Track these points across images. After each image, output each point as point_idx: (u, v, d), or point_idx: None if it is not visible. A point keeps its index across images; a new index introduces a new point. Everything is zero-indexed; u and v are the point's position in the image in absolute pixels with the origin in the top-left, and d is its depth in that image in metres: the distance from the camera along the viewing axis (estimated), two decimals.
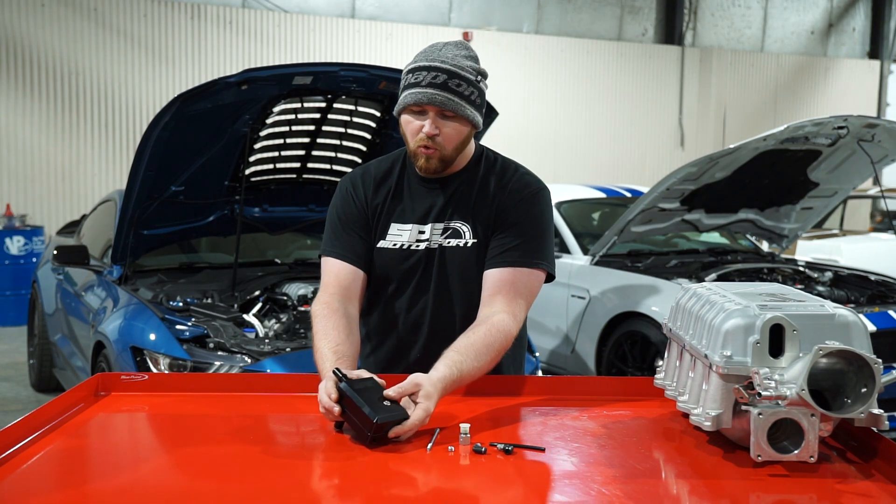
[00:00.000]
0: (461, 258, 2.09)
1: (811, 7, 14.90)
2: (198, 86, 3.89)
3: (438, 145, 2.02)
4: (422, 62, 2.02)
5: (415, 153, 2.06)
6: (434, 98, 1.98)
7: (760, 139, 5.14)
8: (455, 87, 1.99)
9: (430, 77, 1.98)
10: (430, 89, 1.98)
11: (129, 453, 1.75)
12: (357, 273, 2.11)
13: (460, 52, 2.03)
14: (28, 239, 8.86)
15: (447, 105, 1.99)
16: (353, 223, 2.13)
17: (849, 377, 1.51)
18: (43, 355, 5.97)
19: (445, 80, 1.98)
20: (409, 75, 2.03)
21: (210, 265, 4.93)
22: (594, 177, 11.99)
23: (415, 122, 2.03)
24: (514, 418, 1.87)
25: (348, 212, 2.14)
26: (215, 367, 3.63)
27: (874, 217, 12.07)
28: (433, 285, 2.11)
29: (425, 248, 2.11)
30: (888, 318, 4.79)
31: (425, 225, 2.11)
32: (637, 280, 5.47)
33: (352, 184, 2.17)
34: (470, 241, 2.09)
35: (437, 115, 2.00)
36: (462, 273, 2.09)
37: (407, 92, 2.02)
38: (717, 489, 1.50)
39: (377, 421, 1.61)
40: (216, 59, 10.44)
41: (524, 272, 2.05)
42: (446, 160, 2.06)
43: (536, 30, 12.66)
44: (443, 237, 2.10)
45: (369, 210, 2.14)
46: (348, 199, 2.15)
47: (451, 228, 2.10)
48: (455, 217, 2.11)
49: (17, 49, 9.52)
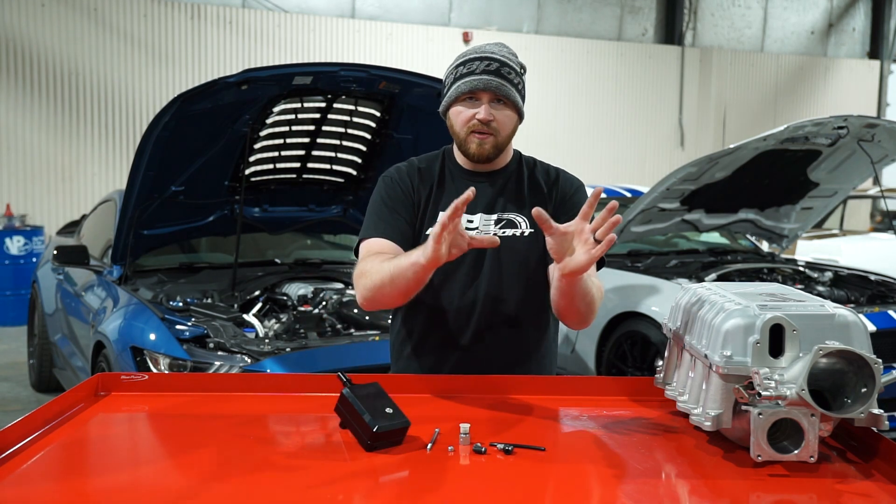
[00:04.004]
0: (519, 247, 2.11)
1: (811, 7, 14.90)
2: (198, 86, 3.89)
3: (494, 130, 2.06)
4: (471, 55, 2.07)
5: (466, 140, 2.08)
6: (490, 83, 2.03)
7: (760, 139, 5.14)
8: (507, 75, 2.05)
9: (483, 65, 2.04)
10: (484, 76, 2.03)
11: (129, 453, 1.75)
12: (400, 252, 2.03)
13: (504, 49, 2.10)
14: (28, 239, 8.86)
15: (501, 90, 2.04)
16: (399, 206, 2.12)
17: (849, 377, 1.51)
18: (43, 355, 5.97)
19: (498, 67, 2.04)
20: (459, 68, 2.07)
21: (210, 265, 4.93)
22: (594, 177, 11.99)
23: (466, 111, 2.06)
24: (515, 418, 1.87)
25: (394, 196, 2.13)
26: (215, 367, 3.63)
27: (874, 217, 12.07)
28: (486, 275, 2.11)
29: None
30: (888, 318, 4.79)
31: (473, 215, 2.13)
32: (637, 280, 5.47)
33: (397, 173, 2.18)
34: (527, 231, 2.12)
35: (490, 101, 2.04)
36: (519, 262, 2.11)
37: (460, 82, 2.06)
38: (717, 489, 1.50)
39: (376, 430, 1.62)
40: (216, 59, 10.44)
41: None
42: (499, 146, 2.10)
43: (536, 30, 12.66)
44: (497, 227, 2.12)
45: (415, 196, 2.14)
46: (393, 185, 2.15)
47: (506, 219, 2.13)
48: (509, 209, 2.13)
49: (17, 49, 9.52)
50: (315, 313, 4.20)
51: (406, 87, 4.18)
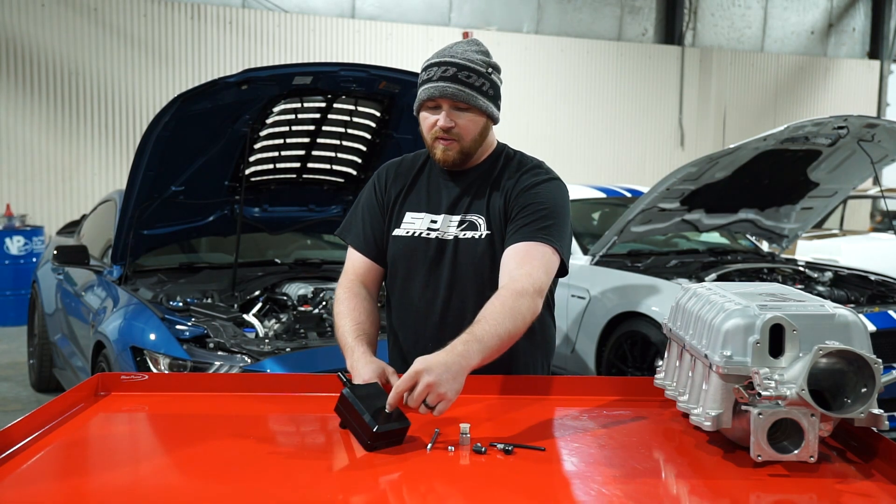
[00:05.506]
0: (475, 249, 2.11)
1: (811, 7, 14.90)
2: (198, 86, 3.89)
3: (456, 136, 2.07)
4: (432, 59, 2.09)
5: (432, 146, 2.11)
6: (445, 90, 2.03)
7: (760, 139, 5.14)
8: (465, 79, 2.04)
9: (440, 71, 2.04)
10: (440, 82, 2.03)
11: (129, 453, 1.75)
12: (366, 261, 2.20)
13: (470, 48, 2.09)
14: (28, 239, 8.86)
15: (458, 96, 2.04)
16: (369, 212, 2.22)
17: (849, 377, 1.51)
18: (43, 355, 5.97)
19: (455, 72, 2.04)
20: (422, 73, 2.10)
21: (210, 265, 4.93)
22: (594, 177, 11.98)
23: (430, 117, 2.08)
24: (515, 418, 1.87)
25: (368, 199, 2.24)
26: (215, 367, 3.63)
27: (874, 217, 12.08)
28: (445, 276, 2.13)
29: (436, 238, 2.13)
30: (888, 318, 4.79)
31: (437, 215, 2.15)
32: (637, 280, 5.47)
33: (382, 172, 2.27)
34: (484, 233, 2.12)
35: (450, 107, 2.05)
36: (476, 264, 2.11)
37: (421, 89, 2.08)
38: (717, 489, 1.50)
39: (376, 430, 1.62)
40: (216, 59, 10.44)
41: (537, 246, 2.02)
42: (465, 152, 2.10)
43: (536, 30, 12.65)
44: (459, 229, 2.13)
45: (385, 198, 2.21)
46: (371, 188, 2.26)
47: (468, 221, 2.14)
48: (472, 210, 2.14)
49: (17, 49, 9.52)
50: (315, 313, 4.20)
51: (406, 87, 4.18)
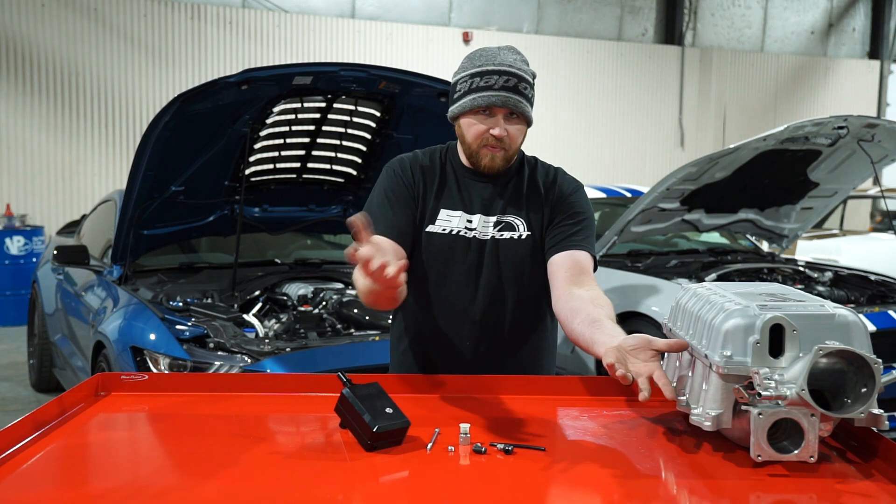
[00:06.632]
0: (516, 250, 2.13)
1: (811, 7, 14.90)
2: (198, 86, 3.89)
3: (506, 145, 2.08)
4: (489, 66, 2.05)
5: (478, 152, 2.09)
6: (507, 101, 2.04)
7: (760, 139, 5.14)
8: (523, 90, 2.06)
9: (502, 81, 2.04)
10: (503, 92, 2.03)
11: (129, 453, 1.75)
12: (398, 249, 2.05)
13: (518, 57, 2.10)
14: (28, 239, 8.86)
15: (518, 107, 2.05)
16: (401, 202, 2.12)
17: (849, 377, 1.51)
18: (43, 355, 5.97)
19: (516, 83, 2.05)
20: (475, 79, 2.05)
21: (210, 265, 4.93)
22: (594, 177, 11.99)
23: (479, 124, 2.07)
24: (515, 418, 1.87)
25: (397, 190, 2.13)
26: (215, 367, 3.63)
27: (874, 217, 12.07)
28: (484, 276, 2.12)
29: (474, 238, 2.13)
30: (888, 318, 4.79)
31: (473, 215, 2.14)
32: (637, 280, 5.47)
33: (400, 165, 2.18)
34: (524, 234, 2.13)
35: (504, 116, 2.06)
36: (515, 264, 2.13)
37: (476, 95, 2.05)
38: (717, 489, 1.50)
39: (377, 430, 1.62)
40: (216, 59, 10.44)
41: (586, 255, 2.10)
42: (509, 159, 2.13)
43: (536, 30, 12.66)
44: (496, 230, 2.13)
45: (415, 191, 2.15)
46: (397, 179, 2.15)
47: (505, 222, 2.14)
48: (508, 212, 2.15)
49: (17, 49, 9.52)
50: (315, 313, 4.20)
51: (406, 87, 4.18)
